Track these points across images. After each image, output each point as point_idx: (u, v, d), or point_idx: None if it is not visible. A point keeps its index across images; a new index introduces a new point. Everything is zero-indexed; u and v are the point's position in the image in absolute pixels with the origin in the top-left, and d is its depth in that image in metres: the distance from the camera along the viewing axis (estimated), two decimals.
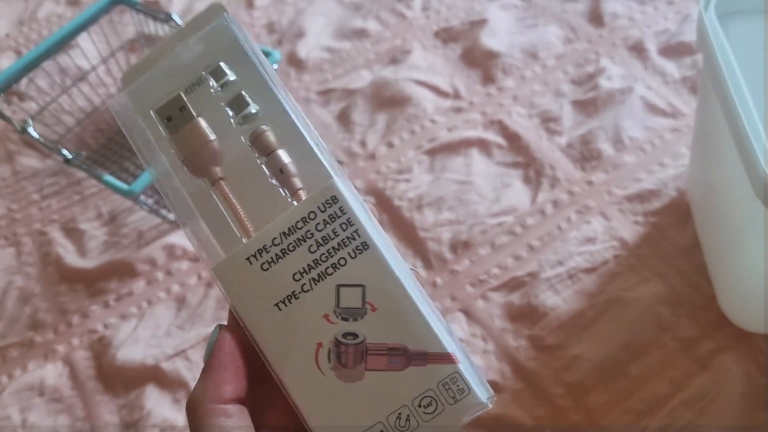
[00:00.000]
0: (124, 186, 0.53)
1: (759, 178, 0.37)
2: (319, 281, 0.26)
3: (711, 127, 0.47)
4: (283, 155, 0.27)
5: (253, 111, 0.28)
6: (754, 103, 0.40)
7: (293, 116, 0.28)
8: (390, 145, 0.63)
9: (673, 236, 0.54)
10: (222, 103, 0.28)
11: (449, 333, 0.26)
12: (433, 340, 0.25)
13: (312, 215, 0.26)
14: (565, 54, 0.68)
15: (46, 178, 0.68)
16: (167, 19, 0.64)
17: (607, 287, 0.52)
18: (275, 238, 0.26)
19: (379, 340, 0.25)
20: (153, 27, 0.68)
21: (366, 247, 0.26)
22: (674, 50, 0.66)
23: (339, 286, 0.26)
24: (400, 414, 0.25)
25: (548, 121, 0.62)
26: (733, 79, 0.41)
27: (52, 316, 0.58)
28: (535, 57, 0.68)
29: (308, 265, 0.26)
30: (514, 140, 0.62)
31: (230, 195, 0.28)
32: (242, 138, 0.28)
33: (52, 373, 0.55)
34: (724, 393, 0.47)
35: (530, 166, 0.60)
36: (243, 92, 0.28)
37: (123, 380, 0.53)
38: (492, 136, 0.62)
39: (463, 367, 0.25)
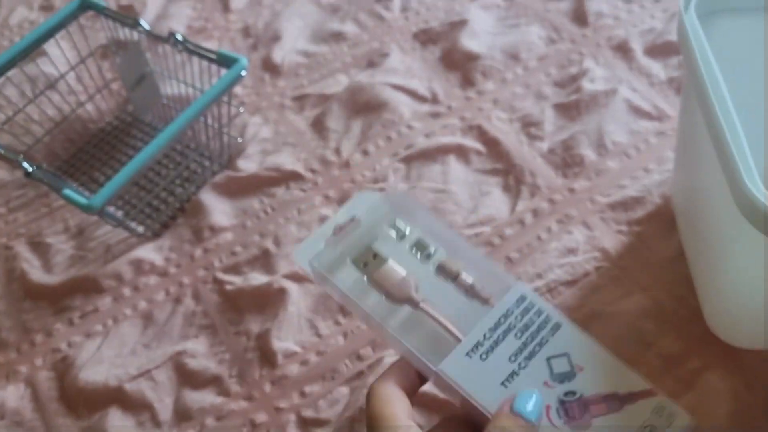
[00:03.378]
0: (83, 200, 0.51)
1: (741, 192, 0.34)
2: (531, 358, 0.34)
3: (693, 131, 0.45)
4: (467, 276, 0.37)
5: (432, 250, 0.38)
6: (737, 108, 0.37)
7: (466, 247, 0.38)
8: (365, 153, 0.61)
9: (658, 246, 0.51)
10: (407, 247, 0.38)
11: (640, 375, 0.33)
12: (636, 381, 0.33)
13: (509, 311, 0.35)
14: (548, 55, 0.65)
15: (13, 191, 0.65)
16: (135, 24, 0.62)
17: (588, 301, 0.50)
18: (485, 334, 0.34)
19: (594, 392, 0.33)
20: (124, 33, 0.66)
21: (559, 326, 0.34)
22: (660, 50, 0.63)
23: (549, 358, 0.34)
24: None
25: (529, 126, 0.60)
26: (715, 85, 0.38)
27: (15, 334, 0.56)
28: (516, 58, 0.65)
29: (518, 348, 0.34)
30: (493, 146, 0.59)
31: (433, 310, 0.36)
32: (430, 269, 0.38)
33: (13, 395, 0.53)
34: (710, 414, 0.44)
35: (510, 173, 0.57)
36: (421, 239, 0.38)
37: (86, 402, 0.51)
38: (470, 142, 0.60)
39: (663, 397, 0.33)
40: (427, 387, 0.38)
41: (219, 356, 0.52)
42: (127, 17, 0.63)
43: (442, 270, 0.36)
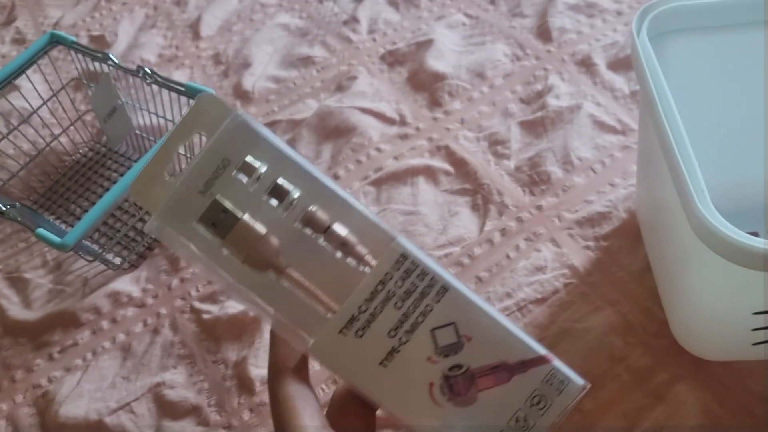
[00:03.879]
0: (56, 240, 0.51)
1: (694, 215, 0.35)
2: (413, 331, 0.29)
3: (650, 148, 0.46)
4: (340, 228, 0.29)
5: (296, 195, 0.29)
6: (690, 127, 0.38)
7: (335, 190, 0.29)
8: (336, 177, 0.62)
9: (624, 260, 0.52)
10: (263, 197, 0.29)
11: (534, 338, 0.30)
12: (526, 349, 0.29)
13: (388, 276, 0.29)
14: (513, 72, 0.66)
15: None
16: (105, 58, 0.63)
17: (557, 318, 0.50)
18: (360, 306, 0.29)
19: (482, 363, 0.29)
20: (94, 65, 0.67)
21: (446, 290, 0.29)
22: (623, 64, 0.64)
23: (433, 329, 0.29)
24: (517, 417, 0.29)
25: (496, 144, 0.61)
26: (667, 110, 0.39)
27: None
28: (482, 77, 0.66)
29: (399, 320, 0.29)
30: (461, 166, 0.60)
31: (302, 278, 0.29)
32: (294, 223, 0.29)
33: None
34: (680, 425, 0.45)
35: (478, 193, 0.58)
36: (280, 181, 0.29)
37: None
38: (439, 163, 0.61)
39: (557, 363, 0.29)
40: None
41: (198, 386, 0.53)
42: (97, 51, 0.64)
43: (309, 221, 0.29)
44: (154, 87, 0.61)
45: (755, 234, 0.50)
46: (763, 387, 0.46)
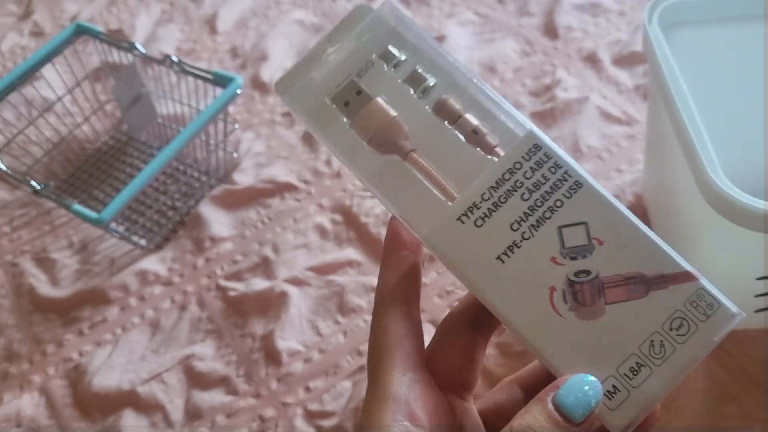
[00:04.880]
0: (93, 215, 0.53)
1: (706, 185, 0.38)
2: (539, 227, 0.26)
3: (661, 133, 0.49)
4: (472, 118, 0.28)
5: (431, 83, 0.28)
6: (700, 110, 0.42)
7: (473, 81, 0.28)
8: None
9: None
10: (399, 80, 0.28)
11: (680, 255, 0.25)
12: (669, 261, 0.25)
13: (518, 165, 0.26)
14: (523, 67, 0.70)
15: (15, 210, 0.68)
16: (131, 48, 0.65)
17: None
18: (484, 194, 0.26)
19: (614, 272, 0.25)
20: (117, 56, 0.69)
21: (579, 185, 0.26)
22: (627, 60, 0.68)
23: (561, 227, 0.26)
24: (652, 341, 0.25)
25: None
26: (678, 90, 0.43)
27: (27, 346, 0.58)
28: (493, 71, 0.70)
29: (524, 213, 0.26)
30: None
31: (425, 163, 0.28)
32: (426, 108, 0.28)
33: (28, 403, 0.55)
34: (687, 389, 0.49)
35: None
36: (418, 67, 0.28)
37: (100, 406, 0.54)
38: None
39: (705, 282, 0.25)
40: None
41: (226, 358, 0.55)
42: (123, 41, 0.66)
43: (441, 109, 0.28)
44: (174, 78, 0.64)
45: None
46: (762, 353, 0.49)
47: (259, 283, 0.58)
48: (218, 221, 0.63)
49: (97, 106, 0.73)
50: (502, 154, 0.27)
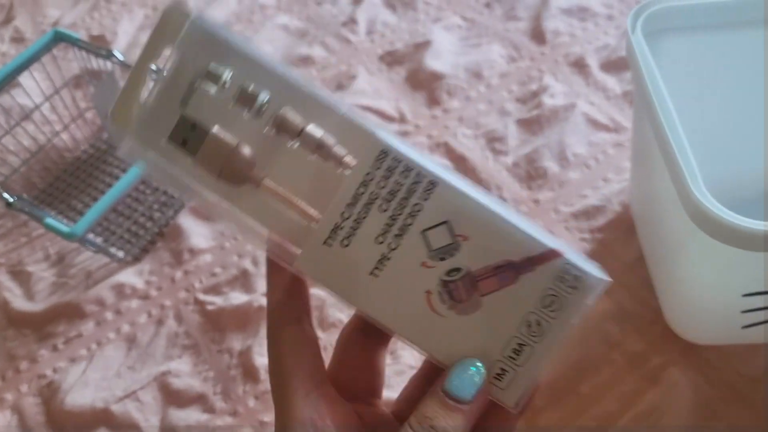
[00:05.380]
0: (65, 229, 0.52)
1: (688, 200, 0.37)
2: (403, 235, 0.26)
3: (645, 143, 0.48)
4: (314, 129, 0.26)
5: (265, 99, 0.26)
6: (683, 121, 0.40)
7: (306, 87, 0.26)
8: None
9: (619, 251, 0.54)
10: (230, 104, 0.27)
11: (544, 231, 0.26)
12: (533, 243, 0.25)
13: (369, 176, 0.26)
14: (509, 72, 0.68)
15: None
16: (108, 55, 0.64)
17: None
18: (343, 212, 0.26)
19: (483, 264, 0.25)
20: (97, 63, 0.68)
21: (434, 185, 0.25)
22: (615, 65, 0.67)
23: (424, 231, 0.26)
24: (529, 321, 0.26)
25: (494, 141, 0.63)
26: (661, 101, 0.41)
27: (0, 363, 0.57)
28: (479, 77, 0.68)
29: (386, 224, 0.26)
30: (460, 162, 0.62)
31: (279, 189, 0.27)
32: (266, 128, 0.27)
33: (0, 422, 0.54)
34: (673, 406, 0.47)
35: (477, 188, 0.60)
36: (246, 84, 0.26)
37: (73, 425, 0.53)
38: (438, 159, 0.62)
39: (570, 255, 0.25)
40: None
41: (203, 374, 0.54)
42: (101, 48, 0.65)
43: (281, 126, 0.26)
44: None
45: None
46: (750, 369, 0.48)
47: (237, 297, 0.57)
48: (197, 232, 0.62)
49: (77, 114, 0.72)
50: (354, 164, 0.26)
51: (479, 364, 0.25)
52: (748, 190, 0.52)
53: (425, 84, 0.68)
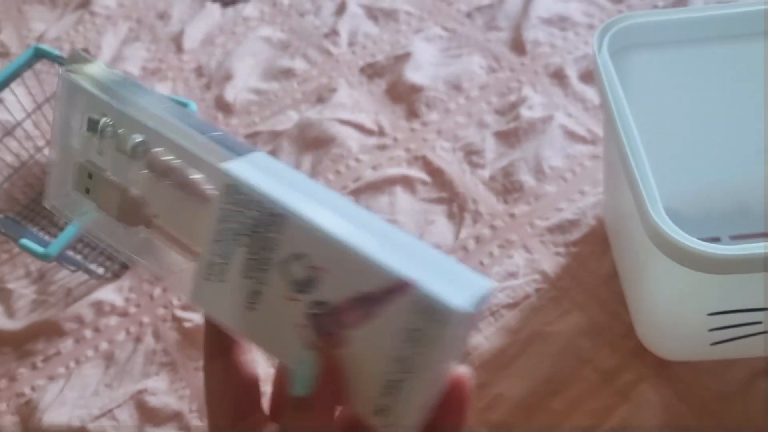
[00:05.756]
0: (39, 250, 0.52)
1: (647, 222, 0.37)
2: (265, 269, 0.25)
3: (613, 158, 0.48)
4: (182, 166, 0.27)
5: (138, 139, 0.27)
6: (647, 140, 0.40)
7: (176, 122, 0.27)
8: None
9: (593, 266, 0.54)
10: (111, 151, 0.27)
11: (405, 260, 0.23)
12: (382, 274, 0.23)
13: (225, 212, 0.25)
14: (489, 84, 0.68)
15: None
16: None
17: (528, 322, 0.52)
18: (213, 249, 0.26)
19: (342, 297, 0.24)
20: None
21: (284, 218, 0.24)
22: (593, 76, 0.66)
23: (282, 264, 0.25)
24: (397, 358, 0.24)
25: (471, 154, 0.63)
26: (624, 122, 0.41)
27: None
28: (458, 88, 0.68)
29: (248, 259, 0.25)
30: (437, 175, 0.62)
31: (165, 227, 0.27)
32: (143, 171, 0.27)
33: None
34: (645, 423, 0.47)
35: (453, 202, 0.60)
36: (120, 131, 0.27)
37: None
38: (416, 173, 0.62)
39: (424, 288, 0.23)
40: None
41: (179, 392, 0.54)
42: None
43: (152, 167, 0.27)
44: None
45: (716, 240, 0.52)
46: (720, 385, 0.48)
47: None
48: None
49: None
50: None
51: (308, 355, 0.24)
52: (714, 205, 0.52)
53: (405, 96, 0.68)
